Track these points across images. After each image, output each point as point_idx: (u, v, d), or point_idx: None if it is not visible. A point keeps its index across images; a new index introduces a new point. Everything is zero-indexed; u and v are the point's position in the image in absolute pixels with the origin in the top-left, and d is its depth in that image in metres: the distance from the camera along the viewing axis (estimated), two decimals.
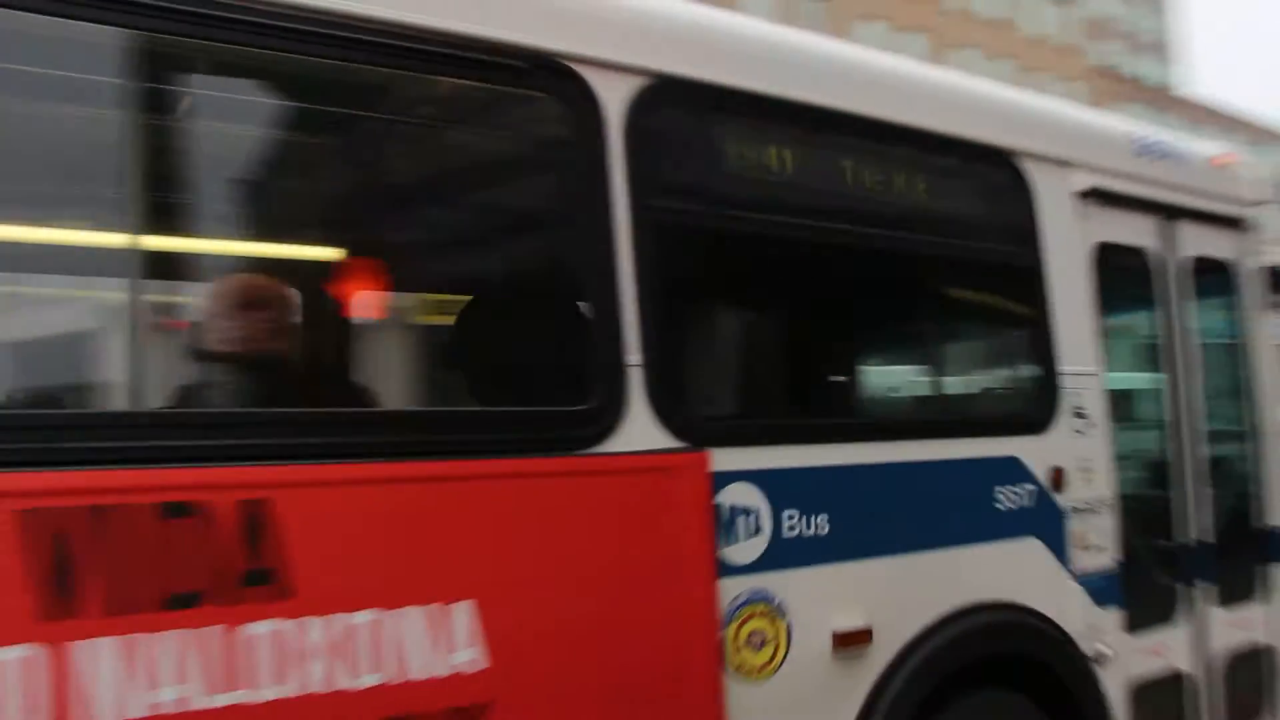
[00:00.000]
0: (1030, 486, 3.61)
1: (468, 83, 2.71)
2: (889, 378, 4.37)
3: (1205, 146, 4.75)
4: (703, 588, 2.71)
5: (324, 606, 2.19)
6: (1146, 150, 4.33)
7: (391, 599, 2.27)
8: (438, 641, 2.32)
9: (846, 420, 3.75)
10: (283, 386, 2.87)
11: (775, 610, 2.87)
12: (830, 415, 3.80)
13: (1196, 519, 4.22)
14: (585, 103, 2.70)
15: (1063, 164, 3.84)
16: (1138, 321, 4.28)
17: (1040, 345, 3.74)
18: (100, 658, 1.97)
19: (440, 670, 2.31)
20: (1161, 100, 47.36)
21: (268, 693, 2.11)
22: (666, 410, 2.68)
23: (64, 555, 1.95)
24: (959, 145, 3.58)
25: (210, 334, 2.82)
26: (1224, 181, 4.67)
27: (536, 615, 2.46)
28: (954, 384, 4.30)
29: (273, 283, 2.98)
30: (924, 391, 4.37)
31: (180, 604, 2.05)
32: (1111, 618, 3.75)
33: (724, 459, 2.75)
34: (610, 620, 2.59)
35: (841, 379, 4.20)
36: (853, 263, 3.56)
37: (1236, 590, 4.34)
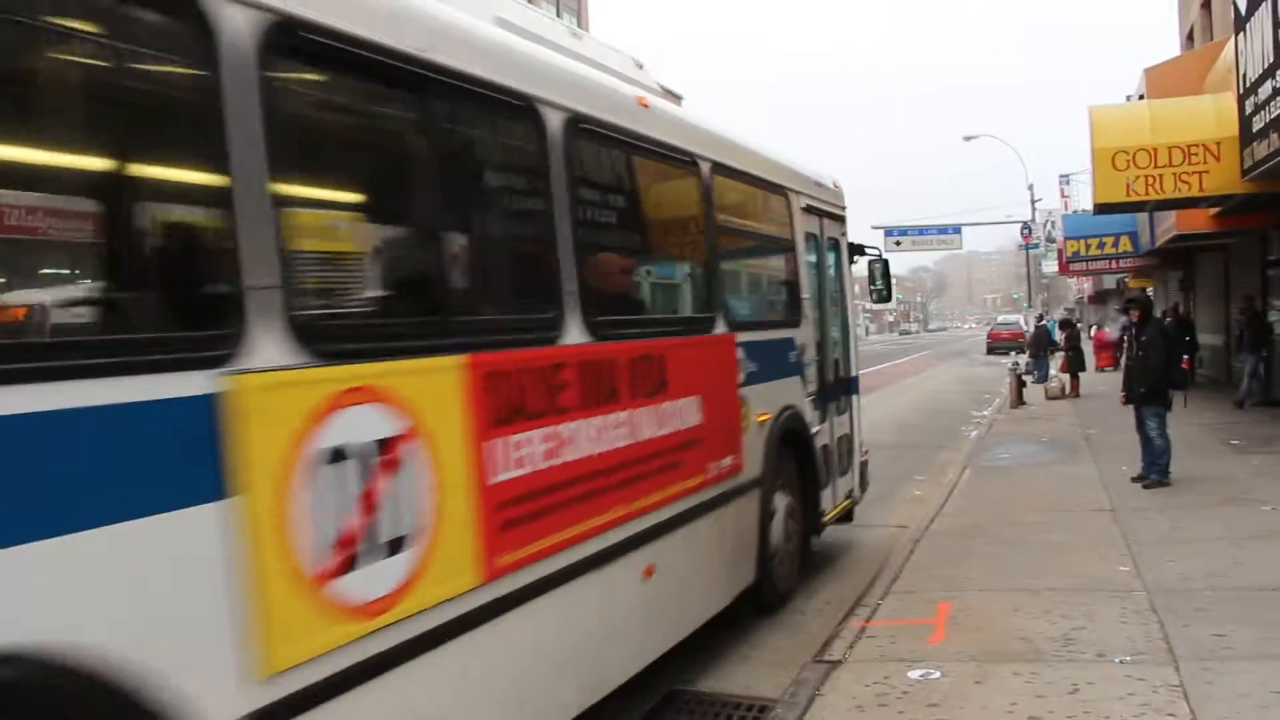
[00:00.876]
0: (795, 352, 7.68)
1: None
2: (752, 304, 7.85)
3: (832, 174, 9.10)
4: (736, 393, 6.50)
5: (673, 397, 5.49)
6: (816, 182, 8.54)
7: (682, 394, 5.60)
8: (690, 413, 5.70)
9: (751, 320, 7.17)
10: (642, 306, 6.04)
11: (746, 403, 6.61)
12: (749, 319, 7.14)
13: (818, 372, 8.23)
14: None
15: (798, 194, 7.96)
16: (812, 270, 8.39)
17: (794, 284, 7.86)
18: (644, 415, 5.20)
19: (692, 423, 5.73)
20: None
21: (664, 431, 5.40)
22: (726, 319, 6.37)
23: (636, 374, 5.13)
24: (768, 182, 7.48)
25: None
26: (836, 195, 9.15)
27: (705, 401, 5.87)
28: (776, 307, 7.95)
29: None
30: (767, 309, 8.00)
31: (653, 394, 5.28)
32: (812, 416, 7.99)
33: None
34: (720, 404, 6.16)
35: (745, 304, 7.59)
36: (744, 250, 7.58)
37: (840, 407, 8.93)
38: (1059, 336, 27.08)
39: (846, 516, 9.02)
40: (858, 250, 9.88)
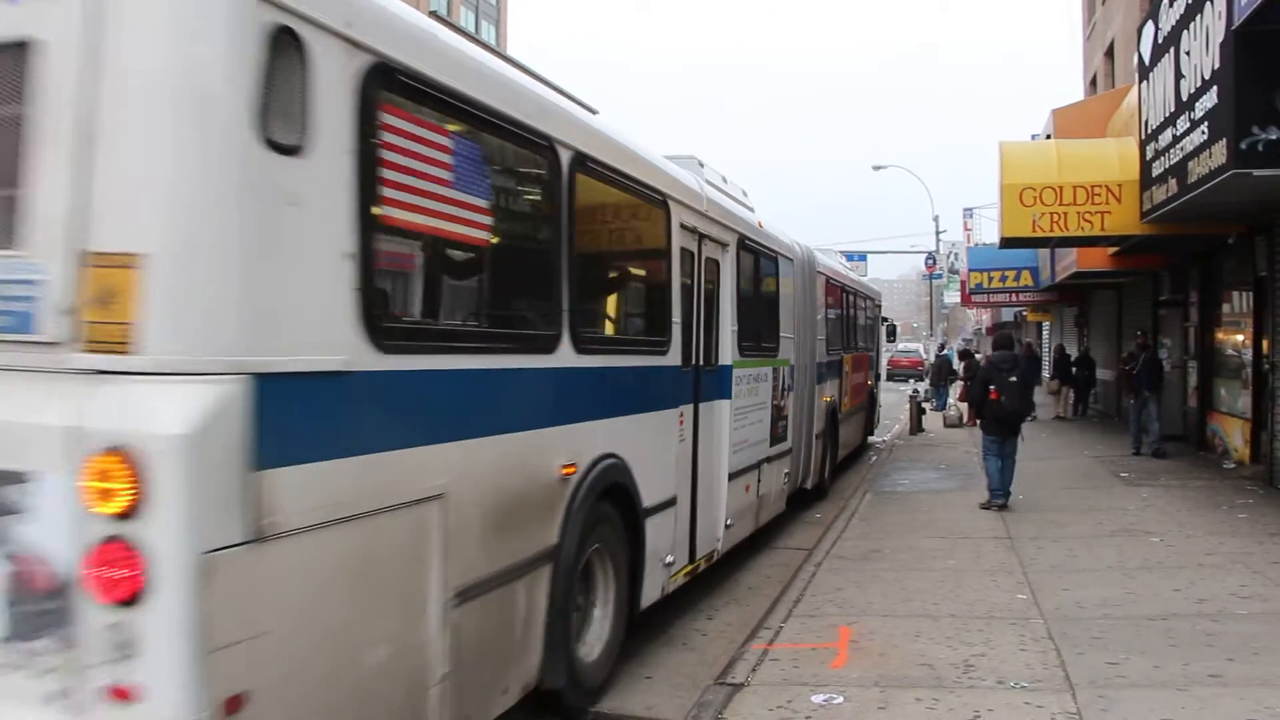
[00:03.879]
0: (874, 360, 20.72)
1: None
2: (866, 340, 19.12)
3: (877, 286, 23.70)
4: (867, 373, 19.03)
5: (858, 371, 17.65)
6: (876, 291, 21.48)
7: (859, 370, 17.78)
8: (860, 377, 17.91)
9: (867, 347, 19.19)
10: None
11: (868, 378, 19.49)
12: (867, 347, 19.43)
13: (874, 371, 21.15)
14: None
15: (874, 298, 20.51)
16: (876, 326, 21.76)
17: (875, 332, 21.09)
18: (857, 375, 17.88)
19: (860, 381, 17.90)
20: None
21: (858, 381, 17.52)
22: (866, 347, 18.78)
23: (857, 363, 17.62)
24: (870, 297, 20.09)
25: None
26: (878, 294, 21.80)
27: (863, 374, 17.95)
28: (872, 342, 20.59)
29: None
30: (871, 342, 20.12)
31: (857, 370, 17.68)
32: (875, 387, 21.06)
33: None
34: (863, 376, 18.19)
35: (867, 340, 19.21)
36: (867, 319, 19.90)
37: (876, 389, 21.22)
38: (958, 366, 27.80)
39: (871, 432, 19.94)
40: (885, 319, 23.20)
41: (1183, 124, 11.36)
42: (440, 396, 4.15)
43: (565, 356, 5.22)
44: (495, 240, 4.80)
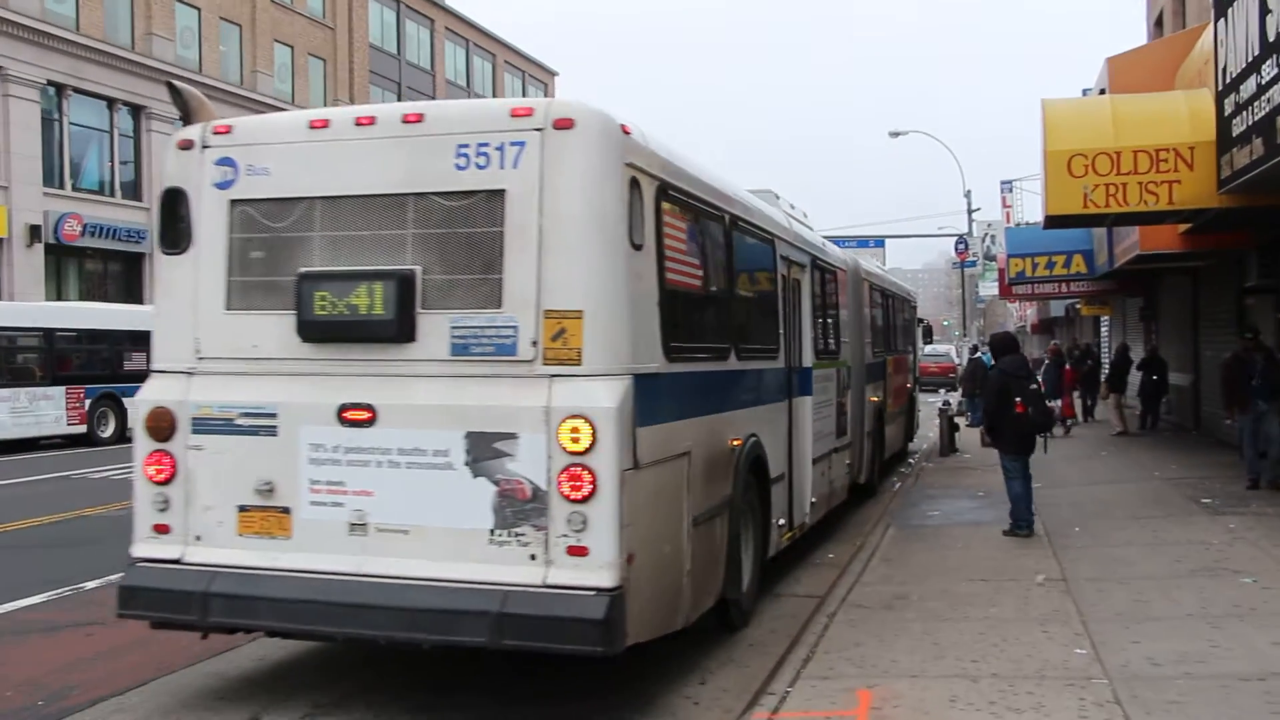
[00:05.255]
0: (912, 364, 25.69)
1: None
2: (904, 342, 23.25)
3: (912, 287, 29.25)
4: (907, 375, 23.59)
5: (899, 373, 22.11)
6: (912, 292, 26.60)
7: (899, 371, 22.11)
8: (902, 378, 22.42)
9: (907, 350, 23.74)
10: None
11: (909, 381, 24.13)
12: (906, 350, 23.77)
13: (914, 374, 25.54)
14: None
15: (910, 300, 24.95)
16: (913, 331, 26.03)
17: (912, 335, 25.40)
18: (897, 376, 22.18)
19: (901, 383, 22.19)
20: (431, 10, 54.39)
21: (898, 383, 21.71)
22: (905, 349, 23.41)
23: (898, 365, 22.70)
24: (905, 299, 24.01)
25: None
26: (914, 295, 26.93)
27: (903, 376, 22.20)
28: (910, 344, 24.57)
29: None
30: (908, 344, 23.95)
31: (899, 371, 22.40)
32: (914, 393, 25.64)
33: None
34: (904, 378, 22.29)
35: (906, 342, 23.75)
36: (904, 320, 23.66)
37: (915, 392, 25.73)
38: None
39: (911, 437, 23.68)
40: (920, 320, 27.25)
41: (1269, 70, 11.29)
42: (688, 389, 7.53)
43: (732, 362, 8.76)
44: (704, 285, 8.30)
